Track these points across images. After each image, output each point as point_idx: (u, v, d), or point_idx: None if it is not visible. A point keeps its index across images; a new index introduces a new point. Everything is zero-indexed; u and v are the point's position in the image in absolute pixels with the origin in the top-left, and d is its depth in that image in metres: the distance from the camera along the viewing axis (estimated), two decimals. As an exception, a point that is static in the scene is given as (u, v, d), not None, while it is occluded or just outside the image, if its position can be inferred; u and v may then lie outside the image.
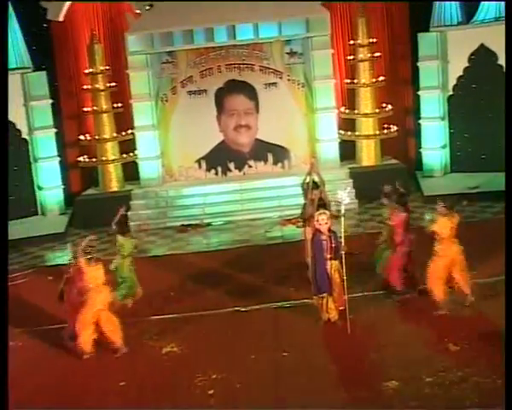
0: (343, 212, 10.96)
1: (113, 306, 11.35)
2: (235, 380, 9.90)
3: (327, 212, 11.22)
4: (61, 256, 17.09)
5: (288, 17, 18.40)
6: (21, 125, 19.32)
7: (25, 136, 19.40)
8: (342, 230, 10.87)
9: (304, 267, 12.96)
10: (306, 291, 11.85)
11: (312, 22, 18.53)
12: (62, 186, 19.82)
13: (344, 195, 10.92)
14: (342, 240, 10.93)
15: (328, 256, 11.02)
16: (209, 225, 17.60)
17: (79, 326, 10.91)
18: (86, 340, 10.92)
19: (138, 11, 18.81)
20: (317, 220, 11.08)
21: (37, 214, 19.66)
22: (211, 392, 9.67)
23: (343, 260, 10.91)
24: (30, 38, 19.56)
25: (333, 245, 10.97)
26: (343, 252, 10.88)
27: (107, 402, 9.84)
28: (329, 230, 11.06)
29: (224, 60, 19.24)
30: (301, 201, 14.32)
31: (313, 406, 9.11)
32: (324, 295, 11.14)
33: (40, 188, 19.63)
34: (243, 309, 12.28)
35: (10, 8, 19.03)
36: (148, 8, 18.71)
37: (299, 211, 14.02)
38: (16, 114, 19.11)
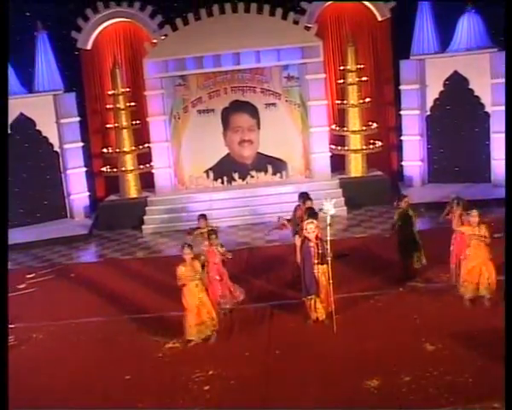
0: (329, 221, 10.23)
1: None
2: (229, 376, 9.13)
3: (314, 221, 10.45)
4: (84, 255, 16.45)
5: (285, 45, 17.70)
6: (53, 139, 18.59)
7: (56, 149, 18.65)
8: (328, 237, 10.13)
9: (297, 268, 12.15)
10: (299, 290, 11.03)
11: (307, 50, 17.81)
12: (88, 193, 19.09)
13: (329, 206, 10.19)
14: (328, 247, 10.17)
15: (316, 261, 10.27)
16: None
17: (188, 317, 10.10)
18: (193, 328, 10.12)
19: (155, 40, 18.10)
20: (306, 229, 10.37)
21: (66, 217, 18.91)
22: (207, 388, 8.91)
23: (329, 265, 10.19)
24: (62, 64, 18.90)
25: (320, 251, 10.23)
26: (329, 258, 10.16)
27: (112, 394, 9.11)
28: (317, 237, 10.32)
29: (229, 83, 18.46)
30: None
31: (301, 403, 8.36)
32: (312, 296, 10.42)
33: (69, 194, 18.89)
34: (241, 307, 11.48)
35: (46, 39, 18.51)
36: (163, 37, 18.02)
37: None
38: (49, 130, 18.53)
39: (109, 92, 18.58)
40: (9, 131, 17.14)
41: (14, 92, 17.76)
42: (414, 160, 18.68)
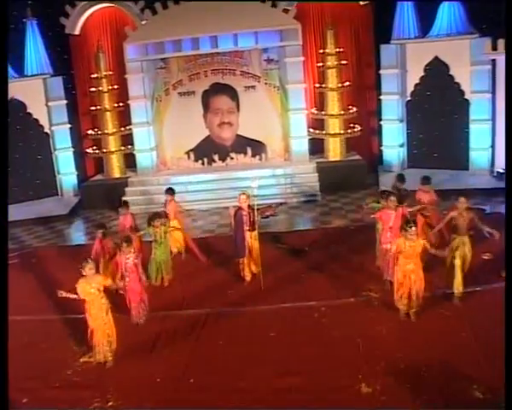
0: (255, 193, 9.27)
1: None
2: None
3: (246, 193, 9.51)
4: (57, 237, 13.81)
5: (263, 28, 14.72)
6: (43, 121, 16.13)
7: (46, 130, 16.19)
8: (256, 208, 9.33)
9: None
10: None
11: (285, 33, 14.84)
12: (76, 172, 16.57)
13: (254, 186, 9.24)
14: (257, 217, 9.42)
15: (247, 228, 9.44)
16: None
17: (98, 336, 7.59)
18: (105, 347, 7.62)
19: (136, 25, 15.31)
20: (239, 200, 9.50)
21: (57, 195, 16.49)
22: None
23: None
24: (52, 49, 16.36)
25: (251, 219, 9.42)
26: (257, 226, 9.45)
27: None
28: (249, 206, 9.42)
29: (209, 66, 15.62)
30: (275, 190, 13.29)
31: None
32: (242, 258, 9.56)
33: (59, 173, 16.44)
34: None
35: (35, 25, 16.03)
36: (143, 22, 15.21)
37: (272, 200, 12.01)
38: (39, 112, 16.08)
39: (93, 76, 15.92)
40: (1, 114, 15.02)
41: (6, 76, 15.32)
42: (393, 144, 15.72)
